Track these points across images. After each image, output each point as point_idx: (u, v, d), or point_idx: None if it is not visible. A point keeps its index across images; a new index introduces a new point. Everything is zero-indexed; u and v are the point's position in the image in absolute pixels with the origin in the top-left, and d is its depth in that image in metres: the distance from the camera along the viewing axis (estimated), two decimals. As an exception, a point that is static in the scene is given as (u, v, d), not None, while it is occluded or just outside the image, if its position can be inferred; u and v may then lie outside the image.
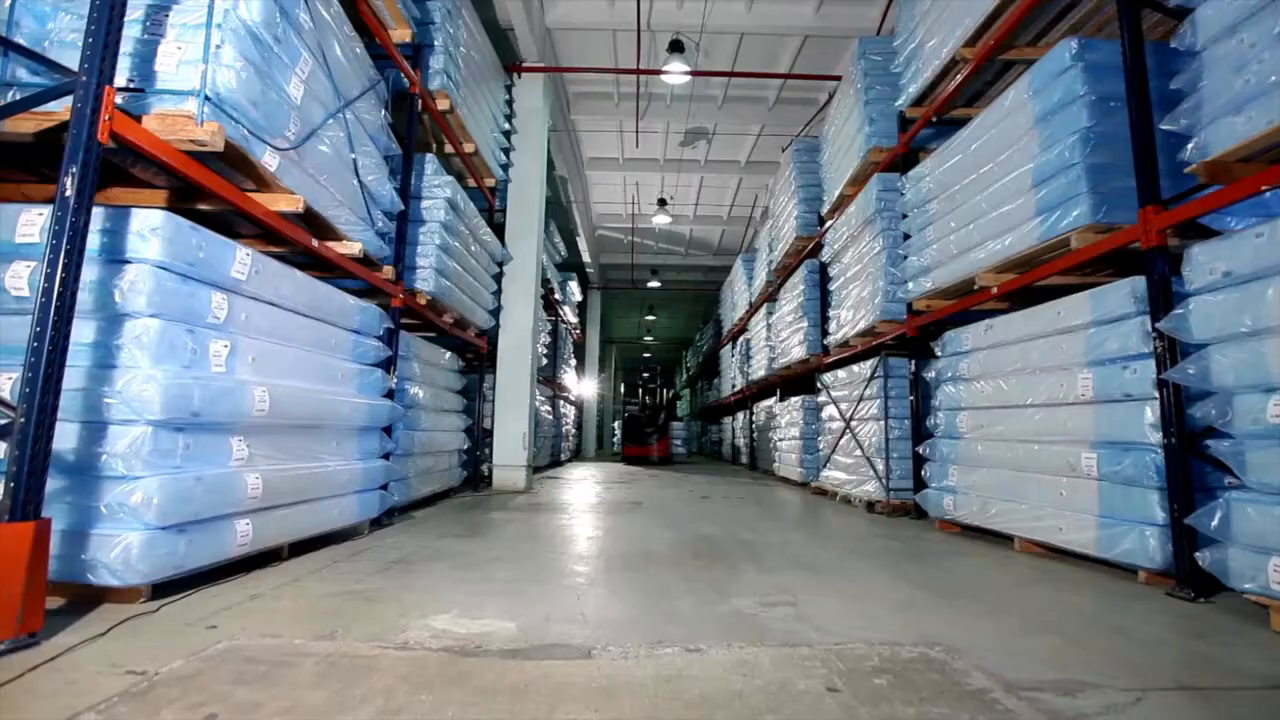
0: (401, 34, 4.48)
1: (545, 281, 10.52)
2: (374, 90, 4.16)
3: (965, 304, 4.69)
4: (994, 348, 4.21)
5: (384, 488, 4.25)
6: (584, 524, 4.88)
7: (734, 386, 14.51)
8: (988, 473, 4.17)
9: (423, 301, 5.12)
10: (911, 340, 5.49)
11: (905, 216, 5.41)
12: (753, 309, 12.49)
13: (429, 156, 5.24)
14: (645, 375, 16.54)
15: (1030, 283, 3.96)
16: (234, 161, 2.79)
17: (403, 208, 4.51)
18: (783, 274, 9.93)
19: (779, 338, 9.95)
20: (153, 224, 2.34)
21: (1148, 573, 3.03)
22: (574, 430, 15.95)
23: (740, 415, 13.90)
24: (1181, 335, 2.70)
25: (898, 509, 5.55)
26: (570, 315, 14.06)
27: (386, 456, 4.32)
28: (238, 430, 2.77)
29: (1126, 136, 3.21)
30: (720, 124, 10.67)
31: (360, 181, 3.88)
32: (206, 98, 2.48)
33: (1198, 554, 2.65)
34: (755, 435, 12.51)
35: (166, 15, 2.56)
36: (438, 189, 5.19)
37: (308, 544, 3.42)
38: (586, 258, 15.84)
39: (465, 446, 6.58)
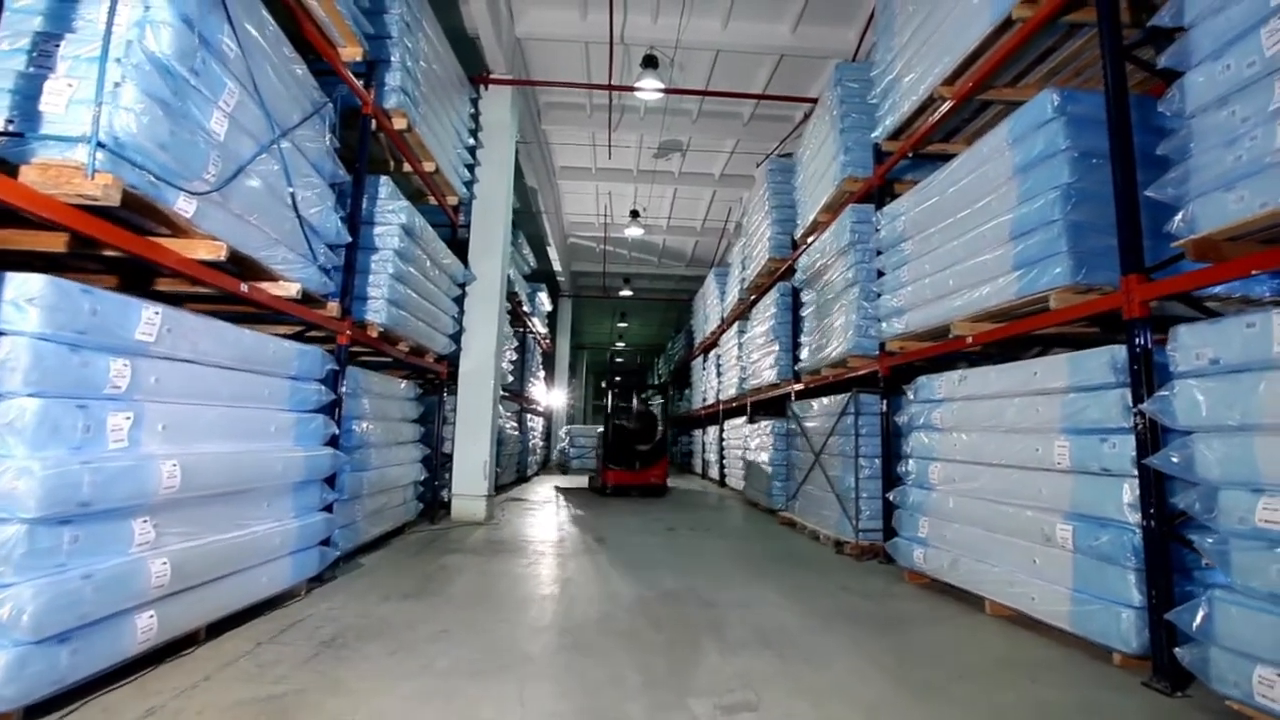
0: (351, 52, 4.16)
1: (513, 294, 10.22)
2: (319, 114, 3.84)
3: (940, 349, 4.56)
4: (968, 400, 4.08)
5: (325, 542, 3.95)
6: (541, 572, 4.63)
7: (705, 400, 14.37)
8: (959, 529, 4.04)
9: (374, 334, 4.81)
10: (884, 379, 5.36)
11: (879, 253, 5.27)
12: (724, 325, 12.35)
13: (383, 179, 4.92)
14: (619, 378, 11.73)
15: (1008, 336, 3.84)
16: (141, 209, 2.48)
17: (350, 240, 4.20)
18: (755, 293, 9.80)
19: (750, 358, 9.81)
20: (30, 293, 2.02)
21: (1123, 655, 2.91)
22: (541, 443, 15.62)
23: (711, 430, 13.75)
24: (1165, 420, 2.57)
25: (866, 551, 5.42)
26: (539, 326, 13.75)
27: (329, 508, 4.01)
28: (142, 511, 2.46)
29: (1109, 195, 3.09)
30: (694, 138, 10.48)
31: (300, 216, 3.57)
32: (101, 144, 2.17)
33: (1178, 650, 2.53)
34: (725, 453, 12.37)
35: (57, 46, 2.24)
36: (392, 214, 4.88)
37: (233, 617, 3.11)
38: (557, 266, 15.53)
39: (422, 478, 6.26)
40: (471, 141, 7.06)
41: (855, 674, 2.80)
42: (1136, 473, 2.83)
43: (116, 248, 2.46)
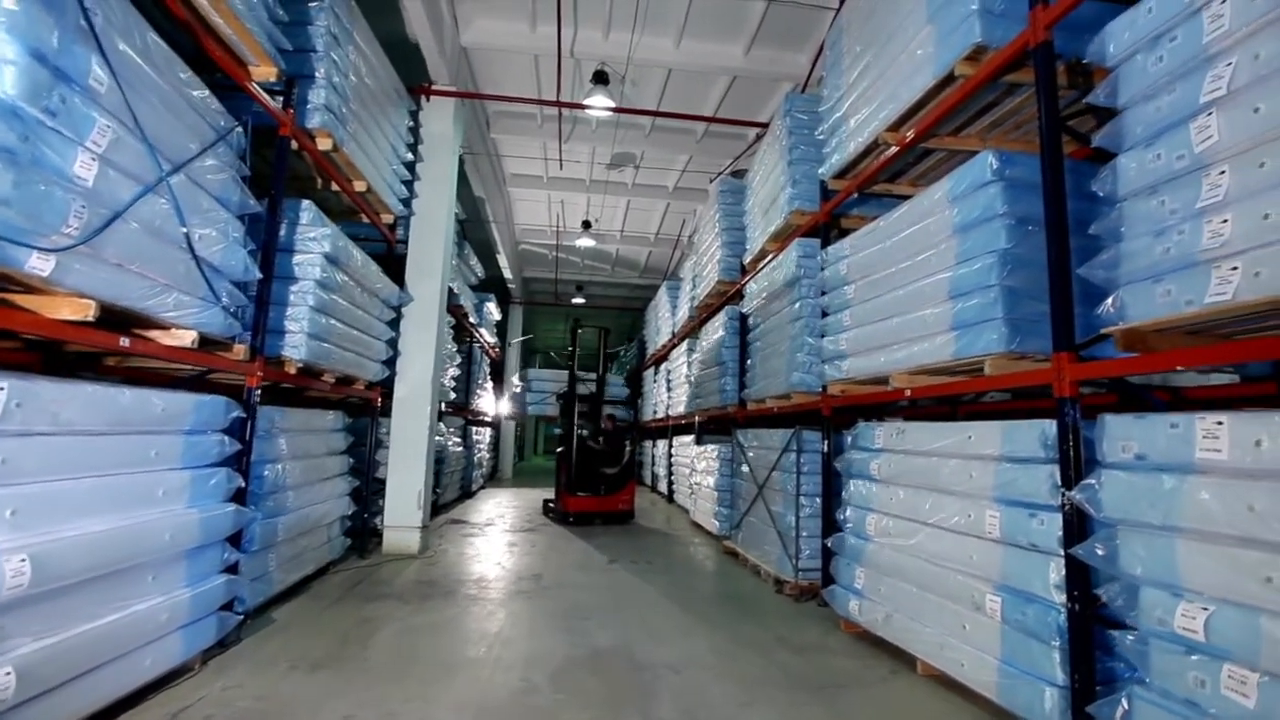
0: (265, 72, 3.83)
1: (458, 307, 9.87)
2: (225, 141, 3.52)
3: (880, 396, 4.53)
4: (906, 454, 4.04)
5: (228, 605, 3.64)
6: (469, 625, 4.40)
7: (655, 413, 14.27)
8: (894, 584, 4.00)
9: (292, 371, 4.48)
10: (827, 419, 5.32)
11: (824, 292, 5.22)
12: (675, 340, 12.28)
13: (305, 204, 4.58)
14: (580, 388, 10.01)
15: (945, 394, 3.82)
16: (-17, 271, 2.17)
17: (260, 276, 3.87)
18: (705, 312, 9.72)
19: (698, 379, 9.73)
20: None
21: (1047, 733, 2.90)
22: (489, 454, 15.25)
23: (661, 444, 13.66)
24: (1091, 509, 2.54)
25: (805, 591, 5.38)
26: (488, 336, 13.38)
27: (233, 568, 3.70)
28: (-20, 617, 2.16)
29: (1045, 262, 3.06)
30: (647, 152, 10.35)
31: (197, 257, 3.24)
32: (-80, 208, 1.86)
33: (1099, 741, 2.51)
34: (674, 469, 12.30)
35: None
36: (314, 242, 4.55)
37: (107, 709, 2.80)
38: (508, 274, 15.18)
39: (350, 511, 5.92)
40: (410, 156, 6.71)
41: (782, 764, 2.70)
42: (1063, 553, 2.81)
43: (-48, 315, 2.14)
